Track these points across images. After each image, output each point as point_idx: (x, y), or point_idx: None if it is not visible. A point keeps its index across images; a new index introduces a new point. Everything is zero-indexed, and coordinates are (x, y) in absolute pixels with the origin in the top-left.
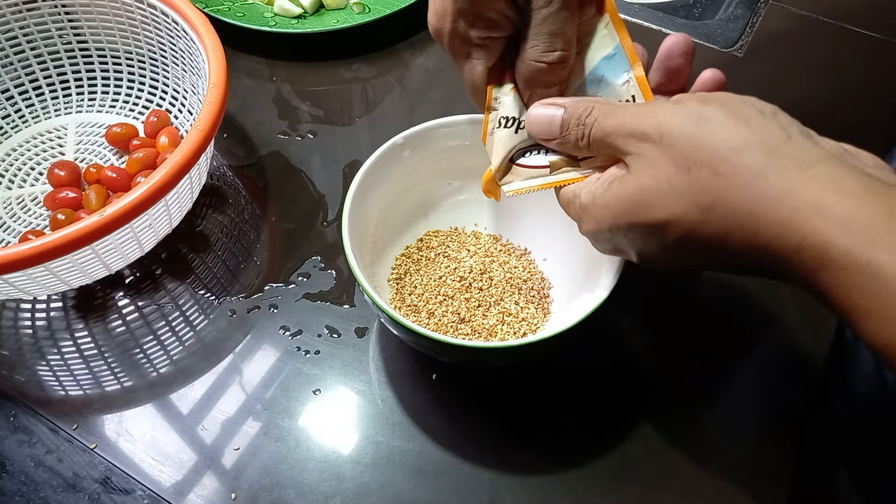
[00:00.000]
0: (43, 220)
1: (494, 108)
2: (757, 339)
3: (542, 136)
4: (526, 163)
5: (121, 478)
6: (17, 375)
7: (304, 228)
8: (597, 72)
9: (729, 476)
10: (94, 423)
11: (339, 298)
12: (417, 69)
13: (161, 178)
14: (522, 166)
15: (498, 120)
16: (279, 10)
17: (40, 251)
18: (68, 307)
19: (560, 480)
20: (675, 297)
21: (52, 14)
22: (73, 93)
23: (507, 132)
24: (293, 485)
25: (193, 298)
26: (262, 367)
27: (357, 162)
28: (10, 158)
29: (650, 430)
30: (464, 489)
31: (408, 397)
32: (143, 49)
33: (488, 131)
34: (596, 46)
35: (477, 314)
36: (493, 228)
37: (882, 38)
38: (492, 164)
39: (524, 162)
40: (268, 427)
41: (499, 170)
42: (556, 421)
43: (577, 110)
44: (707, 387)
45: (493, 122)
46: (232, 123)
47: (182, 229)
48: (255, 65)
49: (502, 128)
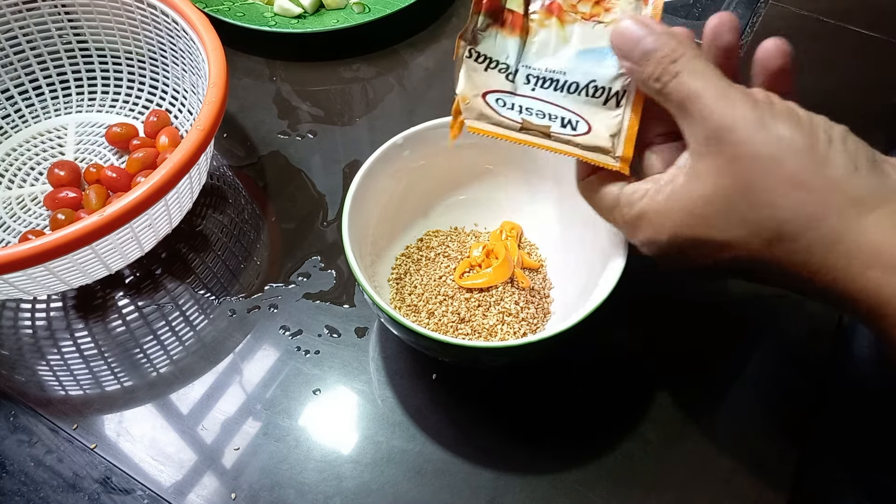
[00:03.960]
0: (43, 220)
1: (470, 37)
2: (758, 338)
3: (621, 51)
4: (496, 107)
5: (121, 478)
6: (17, 375)
7: (304, 228)
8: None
9: (729, 476)
10: (94, 423)
11: (339, 298)
12: (417, 69)
13: (161, 178)
14: (493, 108)
15: (468, 50)
16: (279, 10)
17: (40, 251)
18: (68, 307)
19: (560, 480)
20: (675, 297)
21: (52, 14)
22: (73, 93)
23: (477, 66)
24: (293, 485)
25: (193, 298)
26: (262, 367)
27: (357, 162)
28: (10, 158)
29: (650, 430)
30: (464, 489)
31: (408, 397)
32: (143, 49)
33: (459, 55)
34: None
35: (477, 314)
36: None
37: (882, 38)
38: (457, 90)
39: (494, 105)
40: (268, 427)
41: (464, 98)
42: (555, 421)
43: (666, 46)
44: (707, 387)
45: (464, 49)
46: (232, 123)
47: (182, 229)
48: (255, 65)
49: (472, 59)
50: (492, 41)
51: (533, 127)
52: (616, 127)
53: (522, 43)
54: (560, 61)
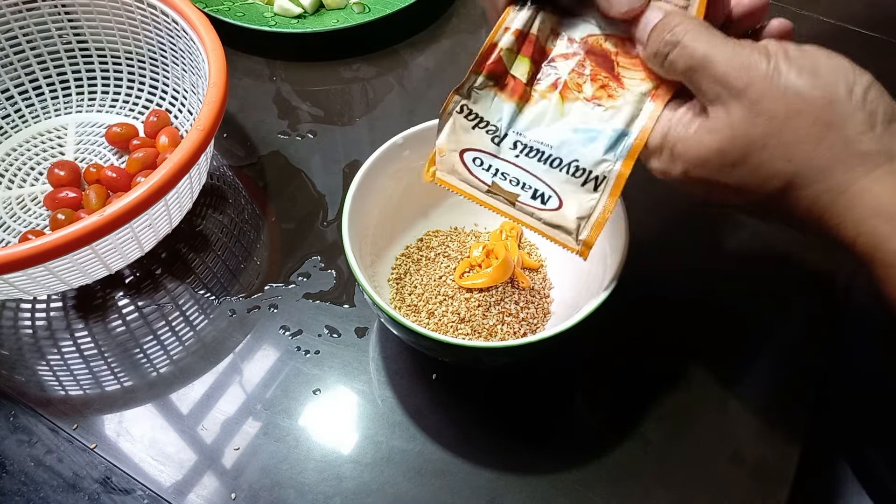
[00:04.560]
0: (43, 220)
1: (465, 93)
2: (758, 339)
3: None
4: (470, 166)
5: (121, 478)
6: (17, 375)
7: (304, 228)
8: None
9: (729, 476)
10: (94, 423)
11: (339, 298)
12: (417, 69)
13: (161, 178)
14: (466, 166)
15: (461, 105)
16: (279, 9)
17: (40, 251)
18: (68, 307)
19: (560, 480)
20: (676, 297)
21: (52, 14)
22: (73, 93)
23: (465, 123)
24: (293, 485)
25: (193, 298)
26: (262, 367)
27: (357, 162)
28: (10, 158)
29: (650, 430)
30: (464, 489)
31: (408, 397)
32: (143, 49)
33: (448, 109)
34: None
35: (477, 314)
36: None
37: (882, 38)
38: (437, 142)
39: (469, 164)
40: (268, 427)
41: (441, 151)
42: (556, 421)
43: (663, 17)
44: (707, 386)
45: (455, 105)
46: (232, 123)
47: (182, 229)
48: (255, 65)
49: (462, 115)
50: (487, 102)
51: (500, 192)
52: (588, 210)
53: (518, 109)
54: (551, 134)
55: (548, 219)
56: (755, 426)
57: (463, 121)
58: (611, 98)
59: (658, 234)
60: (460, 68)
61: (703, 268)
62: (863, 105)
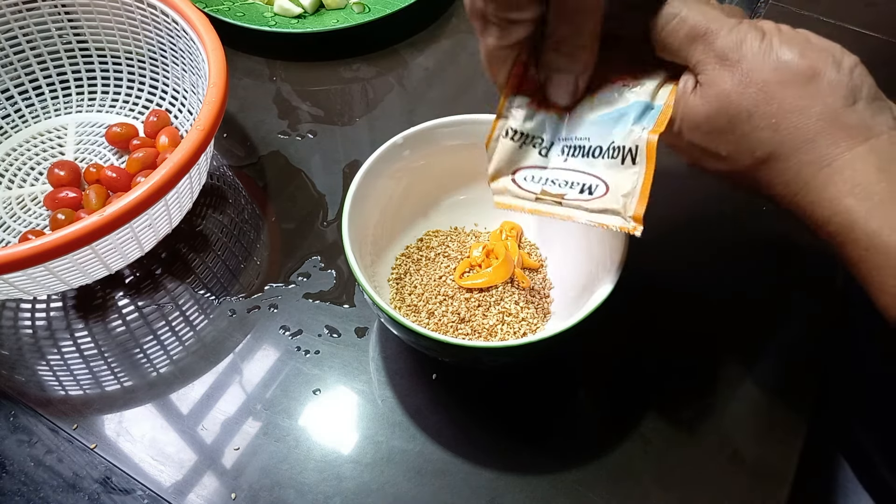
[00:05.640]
0: (43, 220)
1: (505, 115)
2: (758, 338)
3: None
4: (520, 182)
5: (121, 478)
6: (17, 375)
7: (304, 228)
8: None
9: (729, 476)
10: (94, 423)
11: (339, 298)
12: (417, 69)
13: (161, 178)
14: (517, 184)
15: (505, 129)
16: (279, 9)
17: (40, 251)
18: (68, 307)
19: (560, 480)
20: (676, 297)
21: (52, 14)
22: (73, 93)
23: (512, 145)
24: (293, 485)
25: (193, 298)
26: (262, 367)
27: (357, 162)
28: (10, 158)
29: (650, 430)
30: (464, 489)
31: (408, 397)
32: (143, 49)
33: (493, 136)
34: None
35: (477, 314)
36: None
37: (882, 38)
38: (488, 170)
39: (519, 181)
40: (268, 427)
41: (495, 178)
42: (555, 421)
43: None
44: (707, 386)
45: (500, 130)
46: (232, 123)
47: (182, 229)
48: (255, 65)
49: (507, 138)
50: (528, 118)
51: (548, 195)
52: (631, 185)
53: (558, 117)
54: (587, 128)
55: (596, 207)
56: (755, 426)
57: (509, 143)
58: (634, 79)
59: (658, 233)
60: (460, 68)
61: (704, 268)
62: (849, 79)
